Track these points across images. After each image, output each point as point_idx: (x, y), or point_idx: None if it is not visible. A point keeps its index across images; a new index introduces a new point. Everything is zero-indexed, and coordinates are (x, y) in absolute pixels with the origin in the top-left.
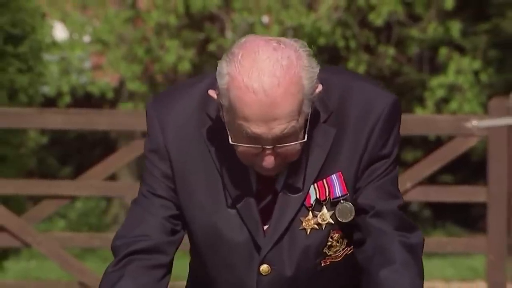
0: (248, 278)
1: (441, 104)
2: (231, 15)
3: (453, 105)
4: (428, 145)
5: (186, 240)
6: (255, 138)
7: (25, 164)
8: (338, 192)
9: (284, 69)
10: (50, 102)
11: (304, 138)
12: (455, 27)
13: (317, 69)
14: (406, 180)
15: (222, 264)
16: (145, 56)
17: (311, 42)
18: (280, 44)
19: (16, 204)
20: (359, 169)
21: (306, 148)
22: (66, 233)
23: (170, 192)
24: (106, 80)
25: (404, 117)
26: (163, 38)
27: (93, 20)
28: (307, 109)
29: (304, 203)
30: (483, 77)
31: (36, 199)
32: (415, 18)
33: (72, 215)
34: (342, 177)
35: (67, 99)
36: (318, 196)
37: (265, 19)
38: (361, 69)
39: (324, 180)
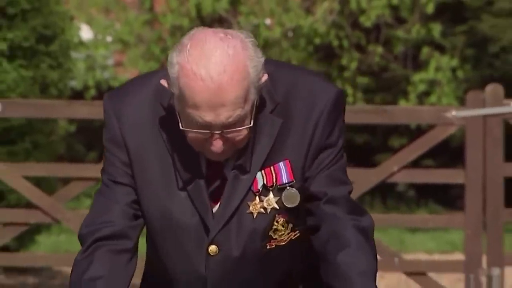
0: (197, 259)
1: (422, 97)
2: (237, 17)
3: (433, 98)
4: (412, 133)
5: None
6: (204, 124)
7: (55, 149)
8: (284, 178)
9: (230, 58)
10: (77, 95)
11: (250, 124)
12: (436, 29)
13: (262, 59)
14: (393, 164)
15: (173, 246)
16: (161, 55)
17: (309, 41)
18: (226, 35)
19: (47, 185)
20: (307, 158)
21: (253, 136)
22: None
23: (129, 179)
24: (127, 76)
25: (391, 108)
26: (177, 39)
27: (115, 22)
28: (253, 96)
29: (252, 188)
30: (460, 73)
31: (65, 181)
32: (400, 21)
33: None
34: (290, 165)
35: (93, 92)
36: (265, 182)
37: (268, 21)
38: (353, 65)
39: (272, 167)
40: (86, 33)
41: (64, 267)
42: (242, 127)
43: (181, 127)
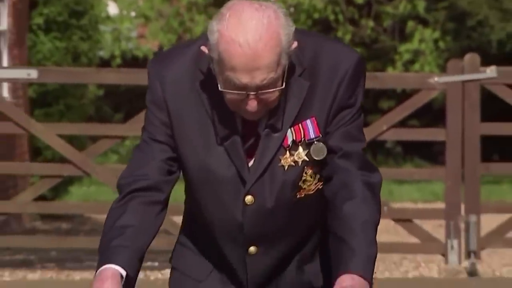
0: (234, 208)
1: (408, 65)
2: None
3: (417, 66)
4: (399, 96)
5: None
6: (240, 86)
7: (85, 111)
8: (312, 134)
9: (265, 26)
10: (105, 63)
11: (282, 86)
12: (420, 5)
13: (293, 28)
14: (383, 124)
15: (212, 197)
16: (179, 28)
17: (308, 16)
18: (261, 5)
19: (79, 143)
20: (330, 115)
21: (283, 97)
22: (118, 165)
23: (167, 138)
24: (148, 46)
25: (381, 74)
26: (193, 14)
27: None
28: (284, 61)
29: (282, 143)
30: (441, 44)
31: (94, 139)
32: None
33: (122, 151)
34: (316, 122)
35: (118, 60)
36: (294, 138)
37: None
38: (347, 37)
39: (300, 125)
40: (112, 9)
41: (93, 215)
42: (275, 89)
43: (220, 89)
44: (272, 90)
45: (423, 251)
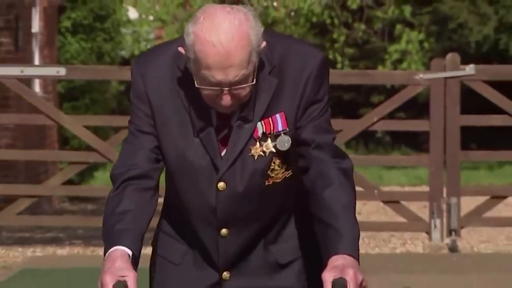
0: (208, 194)
1: (396, 64)
2: (251, 0)
3: (404, 64)
4: (388, 91)
5: None
6: (215, 82)
7: (109, 105)
8: (280, 127)
9: (236, 27)
10: (126, 62)
11: (253, 82)
12: (407, 10)
13: (261, 28)
14: (374, 116)
15: (188, 183)
16: None
17: (307, 20)
18: (232, 9)
19: (103, 133)
20: (299, 111)
21: (254, 92)
22: None
23: (152, 128)
24: None
25: (372, 72)
26: None
27: (155, 5)
28: (254, 59)
29: (253, 135)
30: (426, 45)
31: (116, 129)
32: (379, 3)
33: None
34: (285, 116)
35: None
36: (264, 130)
37: (275, 3)
38: (342, 39)
39: (270, 118)
40: (132, 13)
41: None
42: (246, 85)
43: (196, 86)
44: (244, 85)
45: (409, 230)
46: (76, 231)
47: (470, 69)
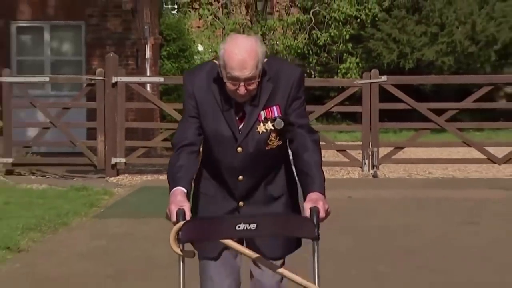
0: (231, 154)
1: (344, 75)
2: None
3: (348, 75)
4: (339, 90)
5: None
6: (235, 78)
7: None
8: (276, 114)
9: (249, 45)
10: None
11: (258, 79)
12: (349, 46)
13: (264, 48)
14: (331, 103)
15: (219, 148)
16: None
17: (295, 51)
18: (248, 35)
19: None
20: (287, 103)
21: (258, 93)
22: None
23: (196, 114)
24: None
25: (331, 79)
26: None
27: (213, 43)
28: (260, 67)
29: (258, 118)
30: (360, 65)
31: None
32: (334, 42)
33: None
34: (279, 107)
35: None
36: (266, 116)
37: (278, 42)
38: (314, 61)
39: (269, 108)
40: (200, 47)
41: None
42: (254, 81)
43: (224, 80)
44: (253, 81)
45: (350, 166)
46: None
47: (384, 78)
